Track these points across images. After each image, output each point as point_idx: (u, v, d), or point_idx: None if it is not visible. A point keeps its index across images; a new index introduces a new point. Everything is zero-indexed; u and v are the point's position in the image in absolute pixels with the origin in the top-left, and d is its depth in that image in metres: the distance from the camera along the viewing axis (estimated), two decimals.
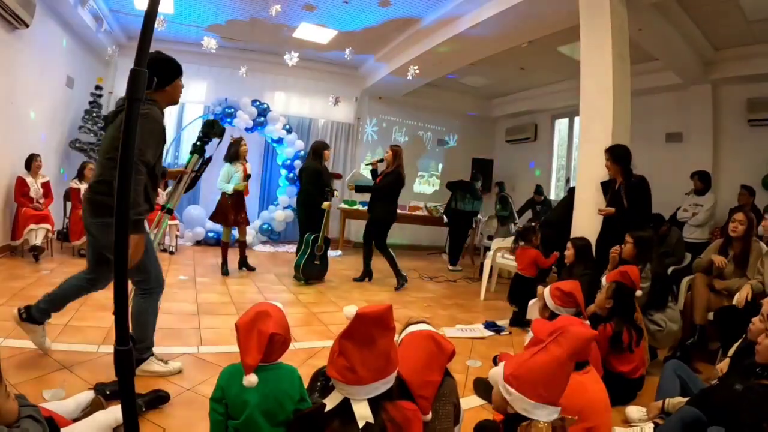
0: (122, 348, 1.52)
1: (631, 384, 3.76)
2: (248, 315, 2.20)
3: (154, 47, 6.92)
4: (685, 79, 8.79)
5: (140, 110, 2.55)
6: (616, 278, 4.07)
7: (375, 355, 1.87)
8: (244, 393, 2.10)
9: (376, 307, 1.90)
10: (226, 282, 6.90)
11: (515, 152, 13.39)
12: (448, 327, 5.61)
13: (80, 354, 3.68)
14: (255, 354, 2.09)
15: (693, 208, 7.60)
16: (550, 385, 1.97)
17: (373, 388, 1.87)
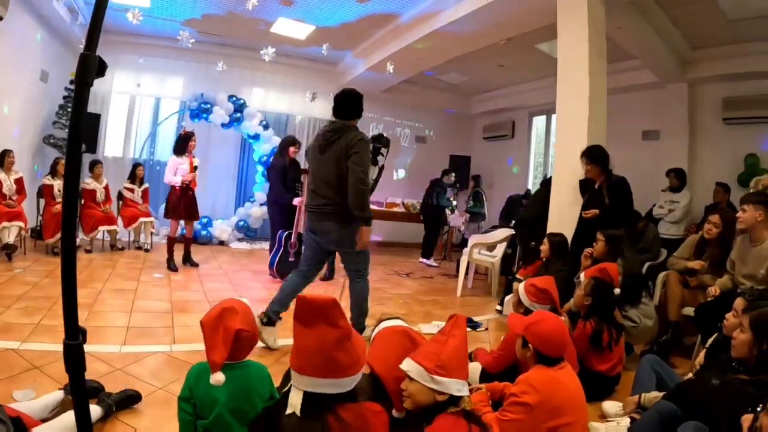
0: (72, 342, 1.48)
1: (608, 380, 3.77)
2: (214, 312, 2.17)
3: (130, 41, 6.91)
4: (662, 78, 8.88)
5: (358, 135, 4.08)
6: (594, 275, 4.08)
7: (315, 347, 1.83)
8: (213, 392, 2.07)
9: (321, 296, 1.86)
10: (201, 279, 6.84)
11: (493, 149, 13.42)
12: (424, 323, 5.61)
13: (52, 354, 3.59)
14: (221, 351, 2.06)
15: (669, 204, 7.69)
16: (466, 362, 2.18)
17: (312, 382, 1.82)
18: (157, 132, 10.88)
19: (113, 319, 4.72)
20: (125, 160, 10.42)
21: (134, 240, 8.86)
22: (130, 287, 6.00)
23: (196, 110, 9.96)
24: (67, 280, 1.51)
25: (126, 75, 10.43)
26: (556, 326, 2.72)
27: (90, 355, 3.59)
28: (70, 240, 1.49)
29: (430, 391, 2.02)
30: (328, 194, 4.37)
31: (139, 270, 7.05)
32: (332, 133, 4.39)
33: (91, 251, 7.98)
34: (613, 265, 4.22)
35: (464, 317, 2.22)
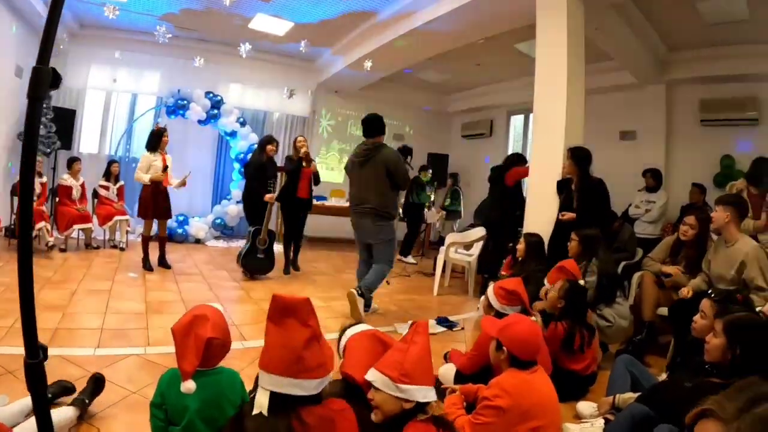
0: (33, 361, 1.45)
1: (582, 380, 3.80)
2: (185, 319, 2.16)
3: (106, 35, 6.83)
4: (639, 79, 8.98)
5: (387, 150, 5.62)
6: (557, 275, 4.11)
7: (283, 344, 1.84)
8: (184, 399, 2.06)
9: (293, 296, 1.89)
10: (176, 279, 6.77)
11: (470, 147, 13.46)
12: (399, 323, 5.62)
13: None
14: (192, 359, 2.05)
15: (645, 204, 7.80)
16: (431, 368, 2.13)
17: (278, 382, 1.82)
18: (134, 128, 10.76)
19: (87, 320, 4.67)
20: (101, 156, 10.29)
21: (109, 239, 8.79)
22: (105, 287, 5.94)
23: (172, 106, 9.89)
24: (25, 298, 1.48)
25: (102, 70, 10.28)
26: (530, 330, 2.74)
27: (63, 358, 3.58)
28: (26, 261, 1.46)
29: (396, 400, 2.02)
30: (369, 198, 5.71)
31: (114, 269, 6.99)
32: (369, 150, 5.74)
33: (65, 250, 7.88)
34: (571, 261, 4.28)
35: (425, 323, 2.21)
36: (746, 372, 2.49)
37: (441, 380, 3.60)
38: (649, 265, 5.16)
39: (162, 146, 7.18)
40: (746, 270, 4.22)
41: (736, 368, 2.54)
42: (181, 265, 7.50)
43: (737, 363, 2.54)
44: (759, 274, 4.17)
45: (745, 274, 4.23)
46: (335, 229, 11.84)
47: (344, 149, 13.06)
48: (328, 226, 11.42)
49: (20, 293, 1.48)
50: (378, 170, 5.63)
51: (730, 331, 2.60)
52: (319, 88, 12.38)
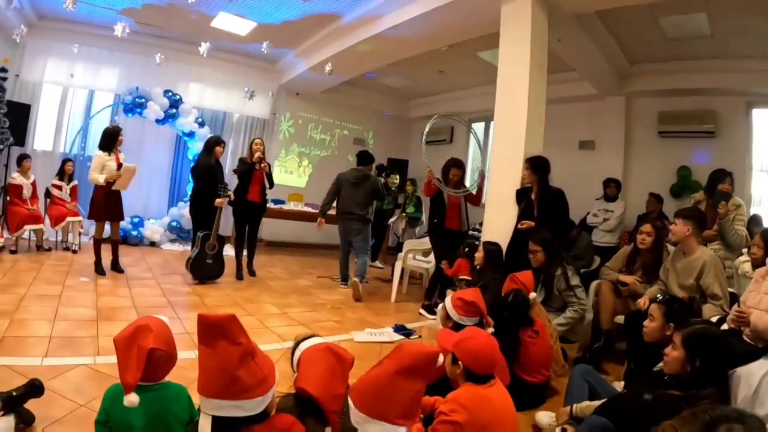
0: None
1: (536, 389, 3.83)
2: (127, 330, 2.12)
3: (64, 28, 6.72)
4: (600, 90, 9.15)
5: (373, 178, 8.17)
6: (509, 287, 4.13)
7: (216, 366, 1.80)
8: (129, 416, 2.03)
9: (218, 314, 1.84)
10: (129, 284, 6.63)
11: (431, 154, 13.32)
12: (357, 331, 5.58)
13: None
14: (134, 372, 2.00)
15: (603, 213, 7.92)
16: (380, 399, 1.95)
17: (217, 405, 1.79)
18: (90, 126, 10.50)
19: (35, 328, 4.54)
20: (55, 154, 10.04)
21: (62, 240, 8.60)
22: (55, 292, 5.78)
23: (130, 104, 9.71)
24: None
25: (59, 64, 10.00)
26: (486, 344, 2.72)
27: (9, 368, 3.46)
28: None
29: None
30: (357, 210, 7.77)
31: (65, 273, 6.82)
32: (361, 176, 7.94)
33: (16, 252, 7.68)
34: (525, 273, 4.31)
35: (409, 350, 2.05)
36: (705, 384, 2.54)
37: None
38: (606, 274, 5.25)
39: (117, 146, 6.98)
40: (703, 277, 4.32)
41: (695, 380, 2.58)
42: (135, 269, 7.34)
43: (696, 375, 2.58)
44: (715, 282, 4.29)
45: (703, 280, 4.33)
46: (293, 234, 11.78)
47: (304, 152, 13.01)
48: (285, 230, 11.34)
49: None
50: (366, 191, 7.86)
51: (688, 343, 2.65)
52: (280, 90, 12.31)
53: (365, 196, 7.84)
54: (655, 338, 3.27)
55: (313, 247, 11.97)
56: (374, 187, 7.96)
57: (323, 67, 9.36)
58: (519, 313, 3.93)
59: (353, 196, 7.79)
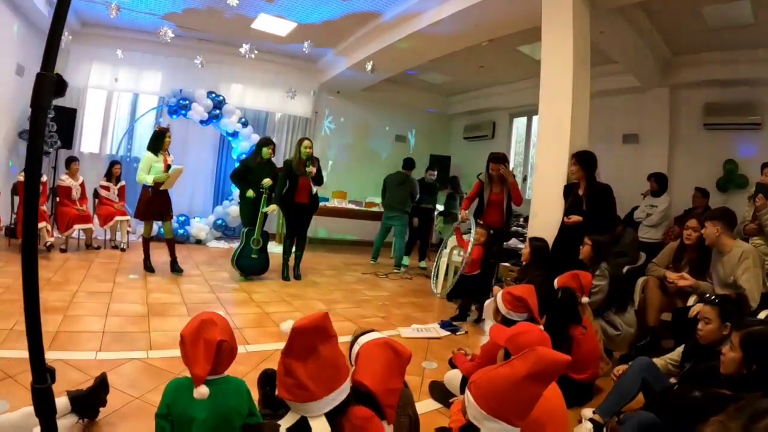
0: (40, 386, 1.41)
1: (583, 386, 3.76)
2: (192, 324, 2.12)
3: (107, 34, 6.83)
4: (643, 82, 8.92)
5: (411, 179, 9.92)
6: (567, 281, 4.05)
7: (321, 366, 1.84)
8: (191, 409, 2.03)
9: (311, 317, 1.86)
10: (177, 281, 6.74)
11: (473, 150, 13.36)
12: (403, 327, 5.57)
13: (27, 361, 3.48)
14: (203, 364, 2.02)
15: (648, 209, 7.71)
16: (504, 399, 1.95)
17: (329, 401, 1.83)
18: (135, 128, 10.72)
19: (88, 323, 4.63)
20: (102, 156, 10.25)
21: (110, 239, 8.76)
22: (106, 289, 5.90)
23: (174, 106, 9.85)
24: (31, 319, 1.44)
25: (103, 69, 10.23)
26: (539, 339, 2.67)
27: (65, 363, 3.52)
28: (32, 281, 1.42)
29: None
30: (398, 205, 9.67)
31: (114, 271, 6.94)
32: (404, 178, 9.75)
33: (66, 250, 7.84)
34: (588, 275, 4.20)
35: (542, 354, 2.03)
36: (759, 387, 2.47)
37: (447, 386, 3.56)
38: (653, 270, 5.14)
39: (165, 147, 7.04)
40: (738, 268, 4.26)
41: (750, 382, 2.51)
42: (182, 266, 7.38)
43: (752, 377, 2.51)
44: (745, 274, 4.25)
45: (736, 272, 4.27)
46: (337, 231, 11.84)
47: (346, 150, 13.05)
48: (328, 227, 11.39)
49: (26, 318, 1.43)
50: (406, 190, 9.70)
51: (747, 346, 2.58)
52: (321, 88, 12.34)
53: (405, 194, 9.66)
54: (712, 340, 3.18)
55: (357, 244, 12.00)
56: (413, 188, 9.80)
57: (364, 65, 9.39)
58: (568, 309, 3.88)
59: (396, 195, 9.66)
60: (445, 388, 3.59)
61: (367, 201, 11.35)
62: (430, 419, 3.15)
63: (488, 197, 6.68)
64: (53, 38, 1.46)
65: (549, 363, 1.96)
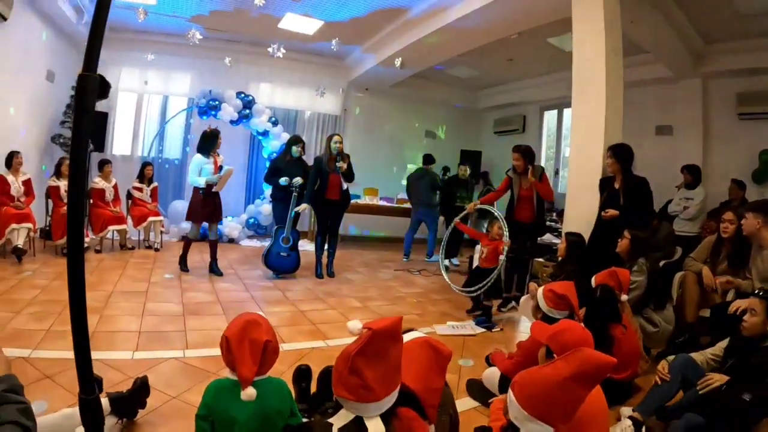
0: (88, 397, 1.39)
1: (623, 385, 3.66)
2: (237, 325, 2.10)
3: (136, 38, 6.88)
4: (675, 72, 8.76)
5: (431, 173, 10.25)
6: (604, 279, 3.97)
7: (388, 369, 1.81)
8: (232, 410, 2.01)
9: (387, 320, 1.83)
10: (212, 280, 6.77)
11: (503, 144, 13.16)
12: (439, 324, 5.51)
13: (63, 362, 3.51)
14: (251, 365, 2.01)
15: (684, 201, 7.54)
16: (546, 401, 1.94)
17: (386, 403, 1.81)
18: (165, 130, 10.84)
19: (124, 323, 4.66)
20: (133, 158, 10.41)
21: (144, 239, 8.84)
22: (141, 289, 5.94)
23: (204, 107, 9.90)
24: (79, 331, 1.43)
25: (133, 72, 10.39)
26: (582, 337, 2.61)
27: (102, 362, 3.54)
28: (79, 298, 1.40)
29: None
30: (424, 199, 9.85)
31: (149, 270, 7.00)
32: (423, 172, 10.02)
33: (100, 251, 7.94)
34: (626, 272, 4.11)
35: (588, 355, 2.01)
36: None
37: (486, 384, 3.51)
38: (690, 265, 5.01)
39: (215, 148, 7.05)
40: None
41: None
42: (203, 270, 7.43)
43: None
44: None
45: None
46: (369, 227, 11.82)
47: (376, 147, 13.03)
48: (361, 224, 11.38)
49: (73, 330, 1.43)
50: (427, 183, 9.90)
51: None
52: (349, 86, 12.34)
53: (428, 188, 9.88)
54: (757, 333, 3.10)
55: (389, 240, 11.98)
56: (432, 180, 10.00)
57: (392, 62, 9.38)
58: (608, 308, 3.80)
59: (420, 189, 9.91)
60: (483, 386, 3.53)
61: (399, 197, 11.29)
62: (468, 418, 3.11)
63: (518, 192, 6.50)
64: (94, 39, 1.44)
65: (594, 365, 1.93)
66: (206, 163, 6.92)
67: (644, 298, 4.45)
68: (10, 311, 4.63)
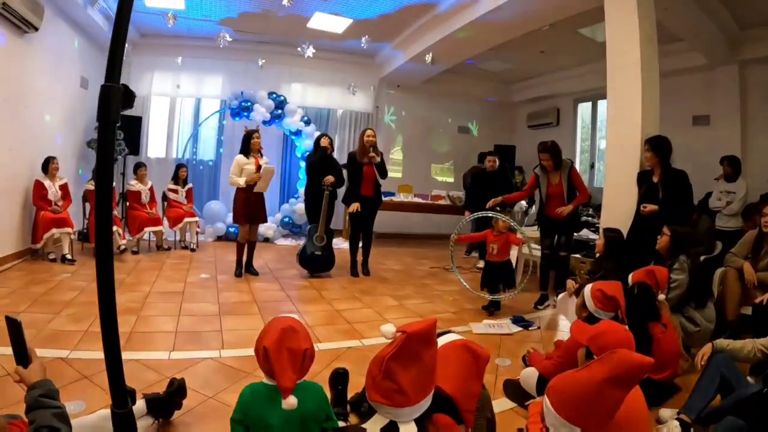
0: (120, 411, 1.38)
1: (663, 386, 3.56)
2: (273, 334, 2.04)
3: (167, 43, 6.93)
4: (711, 60, 8.53)
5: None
6: (642, 278, 3.87)
7: (422, 373, 1.78)
8: (267, 416, 1.99)
9: (421, 323, 1.80)
10: (248, 279, 6.81)
11: (537, 138, 12.96)
12: (475, 323, 5.44)
13: (101, 362, 3.54)
14: (291, 374, 1.97)
15: (726, 195, 7.28)
16: (582, 406, 1.90)
17: (420, 407, 1.79)
18: (199, 132, 10.97)
19: (161, 323, 4.71)
20: (168, 160, 10.53)
21: (180, 240, 8.95)
22: (177, 289, 6.01)
23: (236, 108, 9.99)
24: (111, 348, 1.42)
25: (165, 77, 10.59)
26: (624, 340, 2.54)
27: (139, 363, 3.57)
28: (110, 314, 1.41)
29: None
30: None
31: (185, 271, 7.08)
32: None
33: (137, 252, 8.08)
34: (664, 270, 4.01)
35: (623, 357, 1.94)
36: None
37: (523, 385, 3.45)
38: (731, 261, 4.88)
39: (253, 148, 7.04)
40: None
41: None
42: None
43: None
44: None
45: None
46: (404, 225, 11.79)
47: (409, 143, 13.00)
48: (396, 222, 11.35)
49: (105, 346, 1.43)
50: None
51: None
52: (380, 83, 12.33)
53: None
54: None
55: (424, 237, 11.94)
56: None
57: (422, 58, 9.33)
58: (645, 306, 3.70)
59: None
60: (520, 386, 3.47)
61: (433, 194, 11.23)
62: (505, 419, 3.06)
63: (546, 190, 6.27)
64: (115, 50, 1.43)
65: (630, 366, 1.88)
66: (246, 164, 6.92)
67: (685, 296, 4.34)
68: (49, 313, 4.73)
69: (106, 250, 1.46)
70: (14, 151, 6.92)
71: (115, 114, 1.41)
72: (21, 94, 6.98)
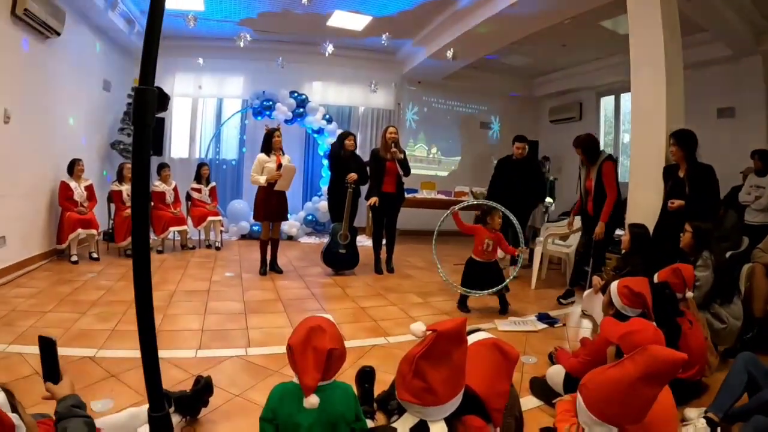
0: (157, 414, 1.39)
1: (689, 385, 3.50)
2: (300, 332, 2.05)
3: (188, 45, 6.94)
4: (735, 51, 8.38)
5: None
6: (667, 277, 3.82)
7: (451, 372, 1.76)
8: (296, 415, 1.98)
9: (451, 322, 1.78)
10: (273, 277, 6.83)
11: (560, 132, 12.93)
12: (499, 320, 5.43)
13: (128, 361, 3.59)
14: (313, 374, 1.96)
15: (755, 190, 7.15)
16: (615, 403, 1.88)
17: (450, 406, 1.77)
18: (221, 132, 11.04)
19: (187, 322, 4.74)
20: (191, 160, 10.60)
21: (204, 239, 9.02)
22: (203, 288, 6.06)
23: (258, 108, 10.06)
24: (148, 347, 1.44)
25: (186, 78, 10.71)
26: (654, 339, 2.49)
27: (166, 361, 3.58)
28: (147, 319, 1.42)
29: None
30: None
31: (210, 269, 7.14)
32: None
33: (162, 251, 8.19)
34: (690, 268, 3.94)
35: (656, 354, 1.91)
36: None
37: (549, 383, 3.42)
38: (759, 256, 4.79)
39: (275, 147, 7.03)
40: None
41: None
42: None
43: None
44: None
45: None
46: (428, 222, 11.76)
47: (431, 139, 12.95)
48: (419, 219, 11.32)
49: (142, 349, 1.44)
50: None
51: None
52: (402, 80, 12.30)
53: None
54: None
55: (447, 234, 11.90)
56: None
57: (443, 54, 9.29)
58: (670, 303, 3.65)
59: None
60: (547, 385, 3.45)
61: (457, 190, 11.18)
62: (532, 417, 3.04)
63: (584, 185, 6.22)
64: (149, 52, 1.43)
65: (663, 362, 1.85)
66: (267, 162, 6.93)
67: (711, 293, 4.27)
68: (76, 312, 4.78)
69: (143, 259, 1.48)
70: (40, 153, 7.02)
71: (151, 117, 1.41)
72: (45, 97, 7.08)
